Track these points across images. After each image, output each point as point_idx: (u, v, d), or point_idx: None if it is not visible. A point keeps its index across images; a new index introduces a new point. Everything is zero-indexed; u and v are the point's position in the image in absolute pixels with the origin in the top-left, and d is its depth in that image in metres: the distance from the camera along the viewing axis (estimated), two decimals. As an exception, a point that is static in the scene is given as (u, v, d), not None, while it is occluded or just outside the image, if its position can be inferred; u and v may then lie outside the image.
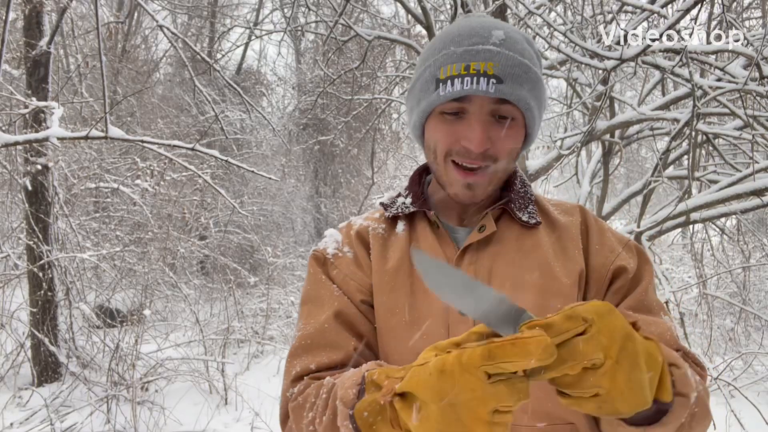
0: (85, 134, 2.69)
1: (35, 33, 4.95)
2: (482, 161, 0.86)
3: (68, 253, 5.46)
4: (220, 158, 3.15)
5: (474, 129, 0.85)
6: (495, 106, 0.85)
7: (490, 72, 0.83)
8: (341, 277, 0.95)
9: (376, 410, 0.66)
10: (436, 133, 0.90)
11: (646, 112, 3.64)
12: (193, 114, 10.49)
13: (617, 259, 0.91)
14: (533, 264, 0.89)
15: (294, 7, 5.33)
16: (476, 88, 0.83)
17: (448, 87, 0.85)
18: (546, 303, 0.86)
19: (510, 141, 0.88)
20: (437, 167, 0.92)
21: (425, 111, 0.90)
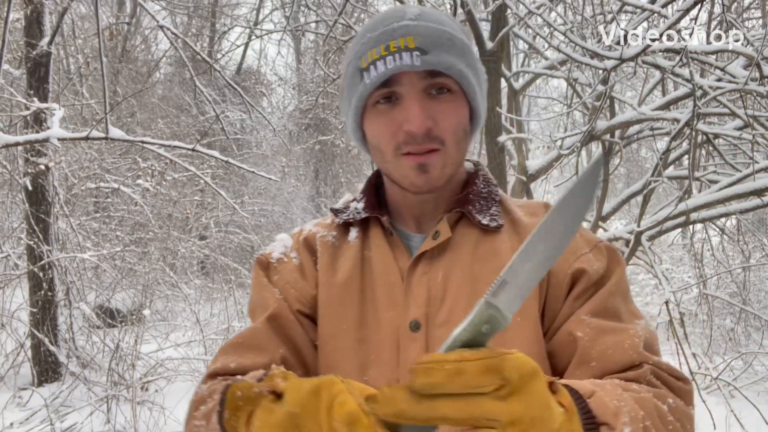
0: (86, 135, 2.69)
1: (36, 33, 4.96)
2: (429, 143, 0.79)
3: (68, 253, 5.47)
4: (221, 159, 3.15)
5: (410, 109, 0.78)
6: (427, 81, 0.79)
7: (412, 45, 0.77)
8: (282, 283, 0.89)
9: (249, 396, 0.61)
10: (374, 129, 0.83)
11: (647, 112, 3.64)
12: (193, 114, 10.50)
13: (576, 261, 0.81)
14: (491, 272, 0.80)
15: (294, 6, 5.33)
16: (400, 64, 0.77)
17: (372, 72, 0.79)
18: None
19: (453, 115, 0.81)
20: (388, 166, 0.84)
21: (358, 108, 0.83)
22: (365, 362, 0.82)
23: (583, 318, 0.77)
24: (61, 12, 5.04)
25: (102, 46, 2.58)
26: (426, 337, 0.79)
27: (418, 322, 0.80)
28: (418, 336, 0.80)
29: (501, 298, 0.53)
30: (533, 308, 0.80)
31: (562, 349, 0.77)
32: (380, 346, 0.81)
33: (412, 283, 0.83)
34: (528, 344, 0.78)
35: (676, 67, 3.16)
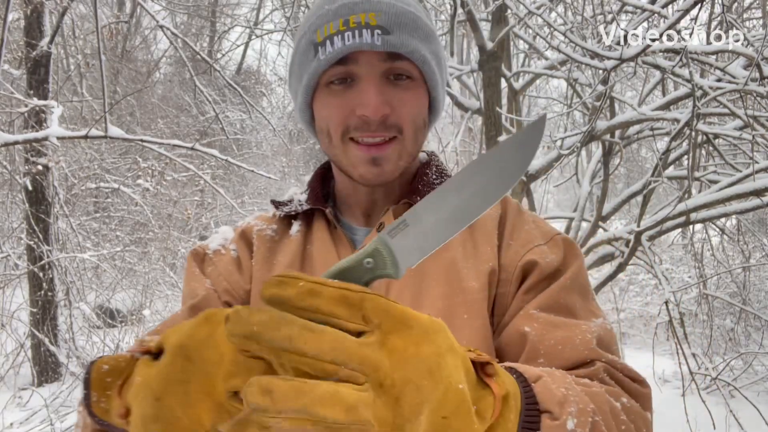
0: (85, 133, 2.69)
1: (36, 33, 4.96)
2: (385, 131, 0.73)
3: (68, 253, 5.46)
4: (220, 158, 3.15)
5: (367, 91, 0.71)
6: (387, 63, 0.73)
7: (373, 22, 0.70)
8: (215, 275, 0.83)
9: (118, 367, 0.51)
10: (325, 110, 0.76)
11: (647, 112, 3.64)
12: (193, 114, 10.50)
13: (529, 253, 0.76)
14: (439, 267, 0.76)
15: (294, 6, 5.32)
16: (359, 42, 0.70)
17: (328, 48, 0.71)
18: (451, 312, 0.74)
19: (412, 104, 0.75)
20: (335, 151, 0.77)
21: (309, 86, 0.76)
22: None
23: (532, 312, 0.71)
24: (61, 12, 5.03)
25: (101, 44, 2.58)
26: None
27: None
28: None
29: (396, 240, 0.47)
30: (481, 306, 0.75)
31: (510, 346, 0.72)
32: None
33: None
34: (474, 343, 0.72)
35: (676, 67, 3.16)
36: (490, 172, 0.47)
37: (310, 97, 0.78)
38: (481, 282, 0.75)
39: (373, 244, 0.47)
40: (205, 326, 0.45)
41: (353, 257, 0.46)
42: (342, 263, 0.46)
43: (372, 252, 0.46)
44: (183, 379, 0.43)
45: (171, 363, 0.44)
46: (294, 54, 0.80)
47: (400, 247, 0.47)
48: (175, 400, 0.43)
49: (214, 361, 0.43)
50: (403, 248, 0.47)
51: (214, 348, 0.43)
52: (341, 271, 0.46)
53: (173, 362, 0.44)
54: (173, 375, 0.44)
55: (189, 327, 0.45)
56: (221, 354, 0.43)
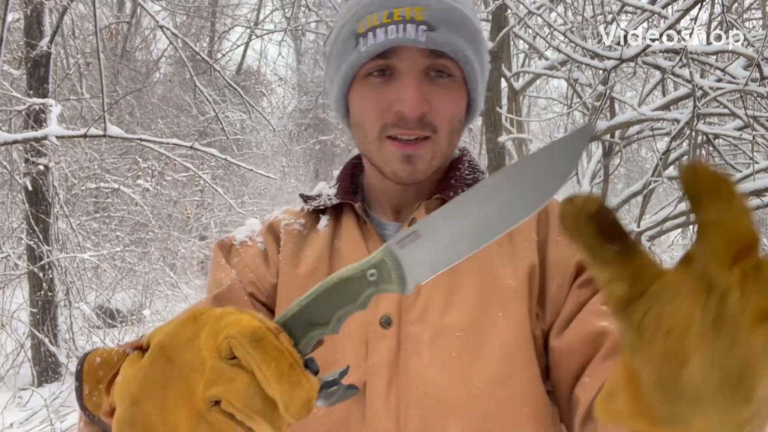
0: (84, 132, 2.69)
1: (36, 33, 4.96)
2: (421, 130, 0.71)
3: (68, 253, 5.46)
4: (219, 157, 3.15)
5: (406, 88, 0.70)
6: (428, 60, 0.71)
7: (419, 18, 0.68)
8: (241, 266, 0.81)
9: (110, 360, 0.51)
10: (362, 104, 0.74)
11: (647, 112, 3.64)
12: (193, 114, 10.50)
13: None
14: (472, 264, 0.71)
15: (294, 7, 5.32)
16: (403, 36, 0.68)
17: (370, 40, 0.70)
18: (484, 312, 0.72)
19: (450, 103, 0.73)
20: (370, 148, 0.75)
21: (346, 77, 0.74)
22: (328, 362, 0.72)
23: (603, 308, 0.68)
24: (61, 12, 5.03)
25: (100, 44, 2.58)
26: (398, 334, 0.71)
27: (389, 318, 0.72)
28: (389, 333, 0.71)
29: (406, 252, 0.43)
30: (519, 305, 0.72)
31: (582, 344, 0.68)
32: (346, 345, 0.72)
33: None
34: (507, 345, 0.71)
35: (676, 67, 3.16)
36: (522, 184, 0.40)
37: (347, 88, 0.76)
38: (519, 280, 0.73)
39: (379, 254, 0.44)
40: (191, 326, 0.42)
41: (356, 266, 0.44)
42: (343, 272, 0.44)
43: (377, 263, 0.43)
44: (162, 384, 0.41)
45: (151, 365, 0.42)
46: (333, 42, 0.78)
47: (409, 259, 0.43)
48: (153, 405, 0.41)
49: (196, 366, 0.41)
50: (412, 261, 0.43)
51: (197, 352, 0.41)
52: (343, 281, 0.44)
53: (153, 364, 0.42)
54: (152, 378, 0.42)
55: (174, 326, 0.43)
56: (203, 359, 0.41)
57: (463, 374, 0.70)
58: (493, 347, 0.70)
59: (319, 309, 0.44)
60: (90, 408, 0.50)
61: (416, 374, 0.70)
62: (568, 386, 0.69)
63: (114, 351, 0.51)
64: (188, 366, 0.41)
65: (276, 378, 0.40)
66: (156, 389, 0.41)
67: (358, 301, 0.44)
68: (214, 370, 0.40)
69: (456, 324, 0.71)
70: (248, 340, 0.40)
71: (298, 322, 0.44)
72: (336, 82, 0.77)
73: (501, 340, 0.70)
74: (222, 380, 0.40)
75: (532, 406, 0.71)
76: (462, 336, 0.71)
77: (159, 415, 0.41)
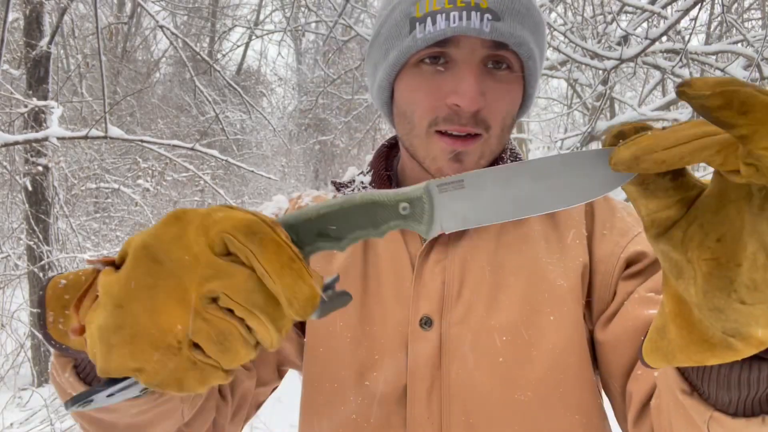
0: (85, 134, 2.69)
1: (35, 33, 4.96)
2: (473, 126, 0.66)
3: (68, 253, 5.46)
4: (220, 158, 3.15)
5: (466, 80, 0.63)
6: (489, 51, 0.65)
7: (484, 4, 0.62)
8: None
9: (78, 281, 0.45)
10: (412, 93, 0.68)
11: (647, 112, 3.64)
12: (193, 114, 10.50)
13: (630, 244, 0.68)
14: (519, 262, 0.69)
15: (294, 7, 5.32)
16: (467, 25, 0.61)
17: (428, 26, 0.63)
18: (534, 313, 0.67)
19: (506, 100, 0.68)
20: (415, 140, 0.70)
21: (396, 64, 0.68)
22: (367, 365, 0.69)
23: (650, 296, 0.63)
24: (61, 12, 5.03)
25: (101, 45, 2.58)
26: (439, 335, 0.67)
27: (429, 318, 0.68)
28: (430, 335, 0.67)
29: (443, 197, 0.41)
30: (573, 306, 0.67)
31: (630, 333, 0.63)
32: (385, 346, 0.68)
33: (423, 272, 0.70)
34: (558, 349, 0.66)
35: (676, 67, 3.16)
36: (581, 173, 0.39)
37: (395, 75, 0.70)
38: (572, 281, 0.68)
39: (418, 191, 0.41)
40: (175, 225, 0.38)
41: (390, 194, 0.41)
42: (375, 195, 0.41)
43: (413, 199, 0.41)
44: (149, 284, 0.37)
45: (135, 266, 0.38)
46: (382, 24, 0.71)
47: (444, 206, 0.41)
48: (140, 306, 0.37)
49: (186, 263, 0.37)
50: (446, 208, 0.41)
51: (186, 248, 0.37)
52: (372, 204, 0.41)
53: (137, 265, 0.38)
54: (138, 279, 0.37)
55: (155, 228, 0.39)
56: (195, 255, 0.37)
57: (509, 380, 0.65)
58: (543, 351, 0.66)
59: (338, 223, 0.41)
60: (56, 337, 0.45)
61: (460, 379, 0.66)
62: (619, 381, 0.65)
63: (82, 272, 0.45)
64: (178, 263, 0.37)
65: (277, 272, 0.36)
66: (143, 290, 0.37)
67: (380, 228, 0.42)
68: (210, 264, 0.37)
69: (502, 326, 0.67)
70: (244, 234, 0.36)
71: (309, 228, 0.41)
72: (382, 67, 0.70)
73: (551, 344, 0.66)
74: (219, 275, 0.37)
75: (584, 413, 0.67)
76: (509, 339, 0.66)
77: (149, 317, 0.37)
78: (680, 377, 0.45)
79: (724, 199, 0.34)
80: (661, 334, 0.39)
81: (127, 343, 0.37)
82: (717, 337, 0.35)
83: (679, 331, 0.37)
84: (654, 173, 0.35)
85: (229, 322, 0.37)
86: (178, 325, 0.37)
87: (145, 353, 0.37)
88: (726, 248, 0.33)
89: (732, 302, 0.33)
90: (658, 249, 0.37)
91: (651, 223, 0.37)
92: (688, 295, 0.36)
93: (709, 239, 0.34)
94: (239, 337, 0.37)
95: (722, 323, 0.34)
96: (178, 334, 0.37)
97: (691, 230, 0.35)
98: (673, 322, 0.38)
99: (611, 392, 0.68)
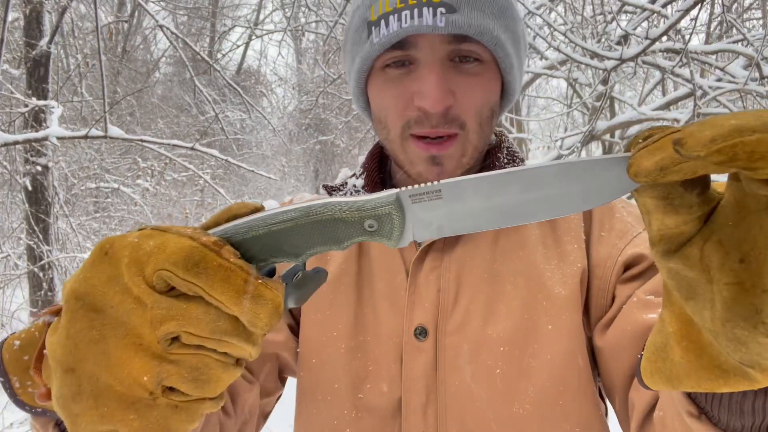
0: (85, 134, 2.69)
1: (35, 33, 4.96)
2: (446, 127, 0.63)
3: (68, 253, 5.46)
4: (220, 158, 3.15)
5: (426, 80, 0.61)
6: (450, 46, 0.62)
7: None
8: None
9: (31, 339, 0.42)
10: (382, 99, 0.66)
11: (647, 112, 3.64)
12: (193, 114, 10.50)
13: (629, 246, 0.65)
14: (517, 268, 0.67)
15: (294, 7, 5.32)
16: (418, 23, 0.59)
17: (382, 29, 0.61)
18: (531, 323, 0.65)
19: (478, 93, 0.63)
20: (393, 146, 0.67)
21: (362, 70, 0.66)
22: (361, 376, 0.67)
23: (649, 298, 0.60)
24: (61, 12, 5.03)
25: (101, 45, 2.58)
26: (435, 346, 0.65)
27: (424, 329, 0.65)
28: (425, 345, 0.65)
29: (416, 208, 0.38)
30: (571, 315, 0.65)
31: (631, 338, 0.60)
32: (379, 357, 0.66)
33: (418, 280, 0.67)
34: (557, 361, 0.64)
35: (676, 67, 3.16)
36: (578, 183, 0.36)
37: (364, 81, 0.68)
38: (570, 288, 0.65)
39: (387, 206, 0.37)
40: (104, 264, 0.34)
41: (353, 208, 0.37)
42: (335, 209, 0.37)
43: (382, 216, 0.37)
44: (96, 338, 0.33)
45: (73, 321, 0.34)
46: (347, 29, 0.70)
47: (416, 216, 0.38)
48: (94, 364, 0.33)
49: (130, 308, 0.33)
50: (419, 219, 0.38)
51: (125, 291, 0.33)
52: (333, 221, 0.37)
53: (75, 318, 0.34)
54: (81, 335, 0.34)
55: (84, 269, 0.35)
56: (136, 298, 0.33)
57: (508, 392, 0.63)
58: (541, 363, 0.64)
59: (293, 240, 0.37)
60: (28, 401, 0.42)
61: (456, 391, 0.64)
62: (621, 387, 0.63)
63: (34, 326, 0.42)
64: (120, 309, 0.33)
65: (232, 300, 0.33)
66: (90, 345, 0.33)
67: (343, 244, 0.38)
68: (157, 304, 0.33)
69: (499, 336, 0.64)
70: (183, 267, 0.32)
71: (260, 245, 0.37)
72: (353, 75, 0.69)
73: (550, 355, 0.64)
74: (172, 314, 0.33)
75: (584, 426, 0.65)
76: (506, 350, 0.64)
77: (108, 373, 0.33)
78: (687, 399, 0.42)
79: (743, 210, 0.29)
80: (661, 355, 0.36)
81: (92, 407, 0.34)
82: (731, 365, 0.32)
83: (686, 354, 0.33)
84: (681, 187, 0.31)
85: (200, 355, 0.34)
86: (143, 376, 0.33)
87: (116, 414, 0.34)
88: (751, 271, 0.29)
89: (758, 335, 0.29)
90: (666, 266, 0.33)
91: (661, 238, 0.33)
92: (700, 319, 0.32)
93: (731, 259, 0.29)
94: (216, 364, 0.35)
95: (741, 354, 0.30)
96: (147, 385, 0.33)
97: (708, 248, 0.30)
98: (678, 344, 0.34)
99: (613, 399, 0.66)
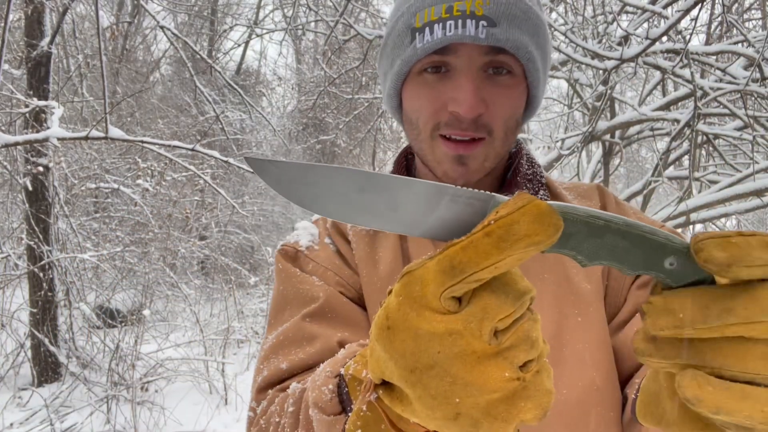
0: (85, 134, 2.69)
1: (36, 33, 4.95)
2: (475, 131, 0.67)
3: (68, 253, 5.46)
4: (220, 159, 3.15)
5: (463, 88, 0.66)
6: (488, 57, 0.66)
7: (479, 12, 0.64)
8: (320, 271, 0.75)
9: (372, 420, 0.44)
10: (416, 101, 0.71)
11: (647, 112, 3.64)
12: (193, 114, 10.49)
13: None
14: (542, 266, 0.70)
15: (294, 6, 5.32)
16: (461, 33, 0.63)
17: (426, 36, 0.66)
18: (563, 314, 0.68)
19: (508, 104, 0.69)
20: (422, 146, 0.72)
21: (400, 73, 0.71)
22: None
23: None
24: (62, 12, 5.03)
25: (102, 45, 2.57)
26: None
27: None
28: None
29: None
30: (597, 308, 0.69)
31: None
32: None
33: None
34: (590, 350, 0.67)
35: (677, 67, 3.16)
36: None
37: (401, 83, 0.73)
38: (594, 283, 0.70)
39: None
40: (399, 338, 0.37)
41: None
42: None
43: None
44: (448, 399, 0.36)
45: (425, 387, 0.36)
46: (388, 34, 0.74)
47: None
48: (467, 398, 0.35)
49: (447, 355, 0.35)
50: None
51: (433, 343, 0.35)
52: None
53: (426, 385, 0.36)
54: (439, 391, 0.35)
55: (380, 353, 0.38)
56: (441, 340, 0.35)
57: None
58: (574, 352, 0.68)
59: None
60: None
61: None
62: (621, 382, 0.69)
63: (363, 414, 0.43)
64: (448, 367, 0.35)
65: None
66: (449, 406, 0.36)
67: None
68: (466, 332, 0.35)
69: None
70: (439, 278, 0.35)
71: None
72: (390, 77, 0.73)
73: (581, 345, 0.68)
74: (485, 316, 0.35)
75: (617, 410, 0.68)
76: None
77: (479, 396, 0.35)
78: None
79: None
80: (654, 400, 0.38)
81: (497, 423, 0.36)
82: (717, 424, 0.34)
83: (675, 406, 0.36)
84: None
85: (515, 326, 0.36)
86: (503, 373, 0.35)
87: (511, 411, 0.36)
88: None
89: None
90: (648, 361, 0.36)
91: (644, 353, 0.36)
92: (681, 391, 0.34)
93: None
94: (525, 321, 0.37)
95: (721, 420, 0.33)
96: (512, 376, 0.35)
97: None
98: (670, 399, 0.36)
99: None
